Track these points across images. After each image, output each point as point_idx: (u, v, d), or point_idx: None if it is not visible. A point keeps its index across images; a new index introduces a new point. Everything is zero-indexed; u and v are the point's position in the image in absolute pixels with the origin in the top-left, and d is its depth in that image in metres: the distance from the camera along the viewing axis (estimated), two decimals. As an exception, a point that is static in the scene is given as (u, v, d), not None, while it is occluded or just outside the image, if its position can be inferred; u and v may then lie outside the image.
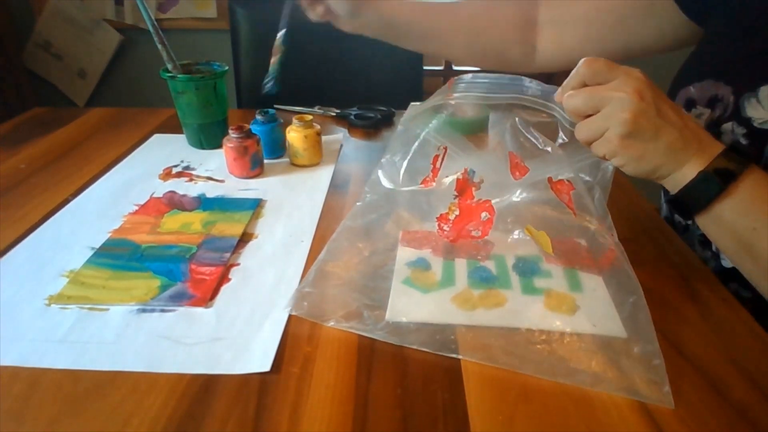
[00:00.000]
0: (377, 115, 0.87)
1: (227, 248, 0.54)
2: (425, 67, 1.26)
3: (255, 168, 0.69)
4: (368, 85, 1.20)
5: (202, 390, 0.38)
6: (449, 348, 0.41)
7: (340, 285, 0.48)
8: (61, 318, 0.44)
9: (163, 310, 0.45)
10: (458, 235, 0.52)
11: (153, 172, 0.71)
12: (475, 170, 0.52)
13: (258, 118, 0.72)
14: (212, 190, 0.66)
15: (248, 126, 0.69)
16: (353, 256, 0.51)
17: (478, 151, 0.55)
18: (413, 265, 0.51)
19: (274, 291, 0.48)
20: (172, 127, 0.84)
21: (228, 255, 0.53)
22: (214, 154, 0.75)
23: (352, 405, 0.37)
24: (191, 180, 0.69)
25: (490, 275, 0.49)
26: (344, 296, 0.46)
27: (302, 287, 0.47)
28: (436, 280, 0.49)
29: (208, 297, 0.47)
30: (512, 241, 0.53)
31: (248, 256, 0.53)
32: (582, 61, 0.44)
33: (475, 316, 0.45)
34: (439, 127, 0.54)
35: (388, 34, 0.70)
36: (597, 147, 0.44)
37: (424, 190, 0.54)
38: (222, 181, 0.69)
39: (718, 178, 0.43)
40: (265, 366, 0.40)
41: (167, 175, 0.70)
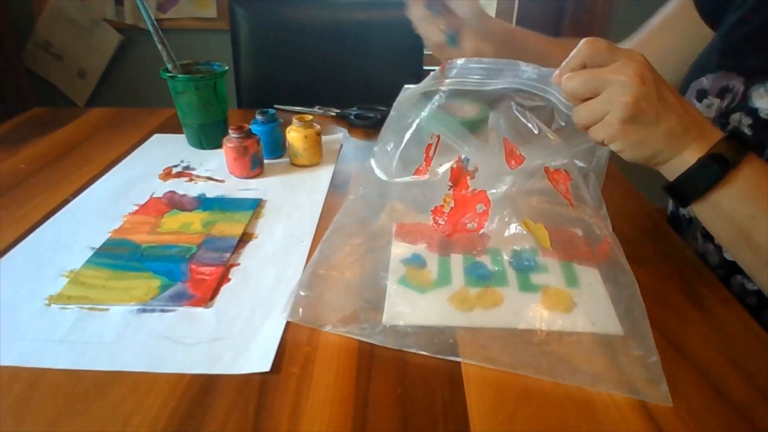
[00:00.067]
0: (377, 115, 0.87)
1: (227, 248, 0.54)
2: (425, 68, 1.26)
3: (255, 168, 0.69)
4: (368, 85, 1.19)
5: (202, 390, 0.38)
6: (448, 350, 0.41)
7: (335, 287, 0.47)
8: (61, 318, 0.44)
9: (163, 310, 0.45)
10: (454, 229, 0.52)
11: (153, 172, 0.71)
12: (469, 158, 0.51)
13: (258, 118, 0.72)
14: (212, 190, 0.66)
15: (248, 126, 0.69)
16: (347, 255, 0.51)
17: (472, 138, 0.53)
18: (408, 263, 0.50)
19: (274, 291, 0.48)
20: (172, 127, 0.84)
21: (228, 255, 0.53)
22: (214, 154, 0.75)
23: (352, 405, 0.37)
24: (191, 180, 0.69)
25: (487, 272, 0.49)
26: (339, 299, 0.46)
27: (297, 291, 0.46)
28: (432, 278, 0.49)
29: (208, 297, 0.47)
30: (508, 235, 0.52)
31: (248, 256, 0.53)
32: (583, 41, 0.42)
33: (473, 317, 0.44)
34: (432, 115, 0.52)
35: (508, 48, 0.65)
36: (595, 131, 0.43)
37: (418, 181, 0.53)
38: (222, 181, 0.68)
39: (717, 165, 0.42)
40: (265, 366, 0.40)
41: (167, 175, 0.70)
